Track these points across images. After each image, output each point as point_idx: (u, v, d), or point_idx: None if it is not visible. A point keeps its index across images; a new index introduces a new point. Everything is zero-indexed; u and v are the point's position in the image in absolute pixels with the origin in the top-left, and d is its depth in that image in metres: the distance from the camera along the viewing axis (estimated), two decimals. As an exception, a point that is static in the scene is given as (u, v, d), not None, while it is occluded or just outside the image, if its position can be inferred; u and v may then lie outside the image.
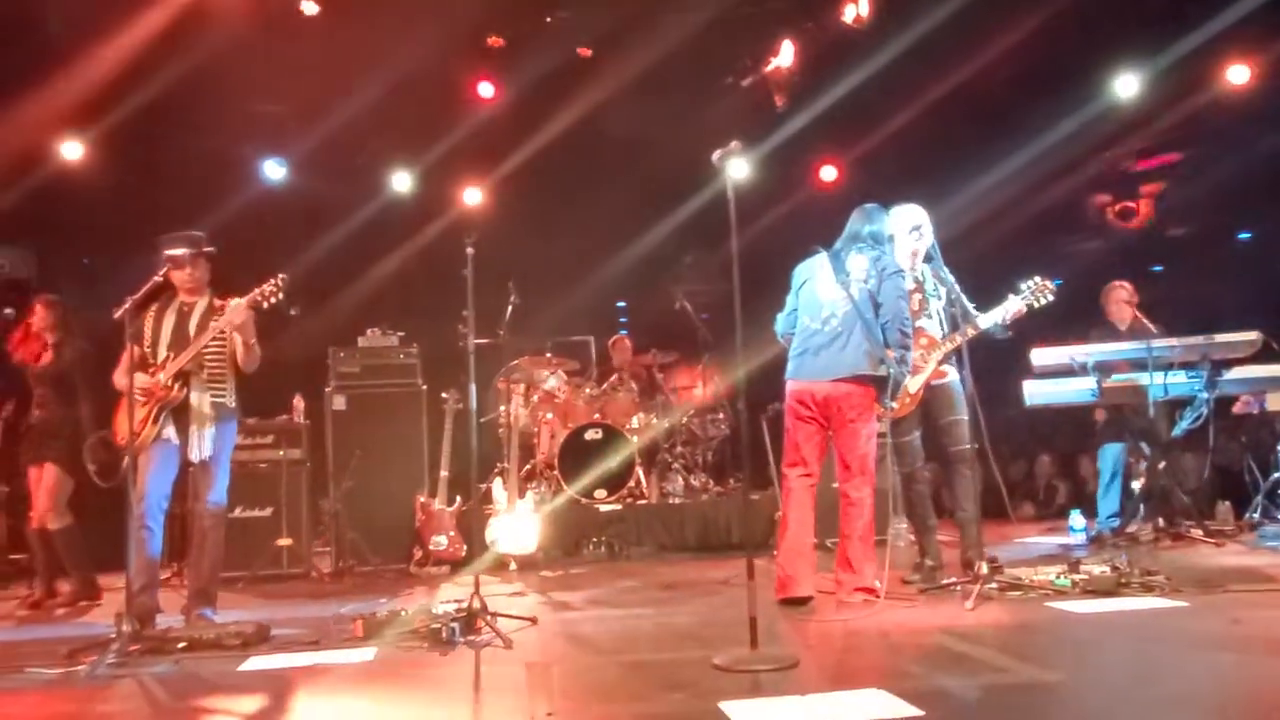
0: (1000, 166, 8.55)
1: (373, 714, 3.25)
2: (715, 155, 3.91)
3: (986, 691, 3.12)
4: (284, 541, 6.77)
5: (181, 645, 4.22)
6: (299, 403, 7.23)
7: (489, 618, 4.35)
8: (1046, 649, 3.66)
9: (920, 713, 2.81)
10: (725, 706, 2.93)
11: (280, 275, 4.88)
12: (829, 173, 10.15)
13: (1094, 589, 4.56)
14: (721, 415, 8.34)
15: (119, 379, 4.88)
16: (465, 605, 4.37)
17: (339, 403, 7.28)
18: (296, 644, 4.26)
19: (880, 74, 7.87)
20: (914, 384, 5.16)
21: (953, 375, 5.21)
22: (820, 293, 4.86)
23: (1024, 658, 3.50)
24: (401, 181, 9.54)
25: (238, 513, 6.63)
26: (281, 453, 6.93)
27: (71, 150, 8.49)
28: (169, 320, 4.93)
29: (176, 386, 4.79)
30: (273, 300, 4.86)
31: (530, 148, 8.57)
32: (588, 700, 3.29)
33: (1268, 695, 2.90)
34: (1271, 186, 8.47)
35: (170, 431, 4.81)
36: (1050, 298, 5.29)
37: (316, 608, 5.38)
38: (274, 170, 9.30)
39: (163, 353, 4.85)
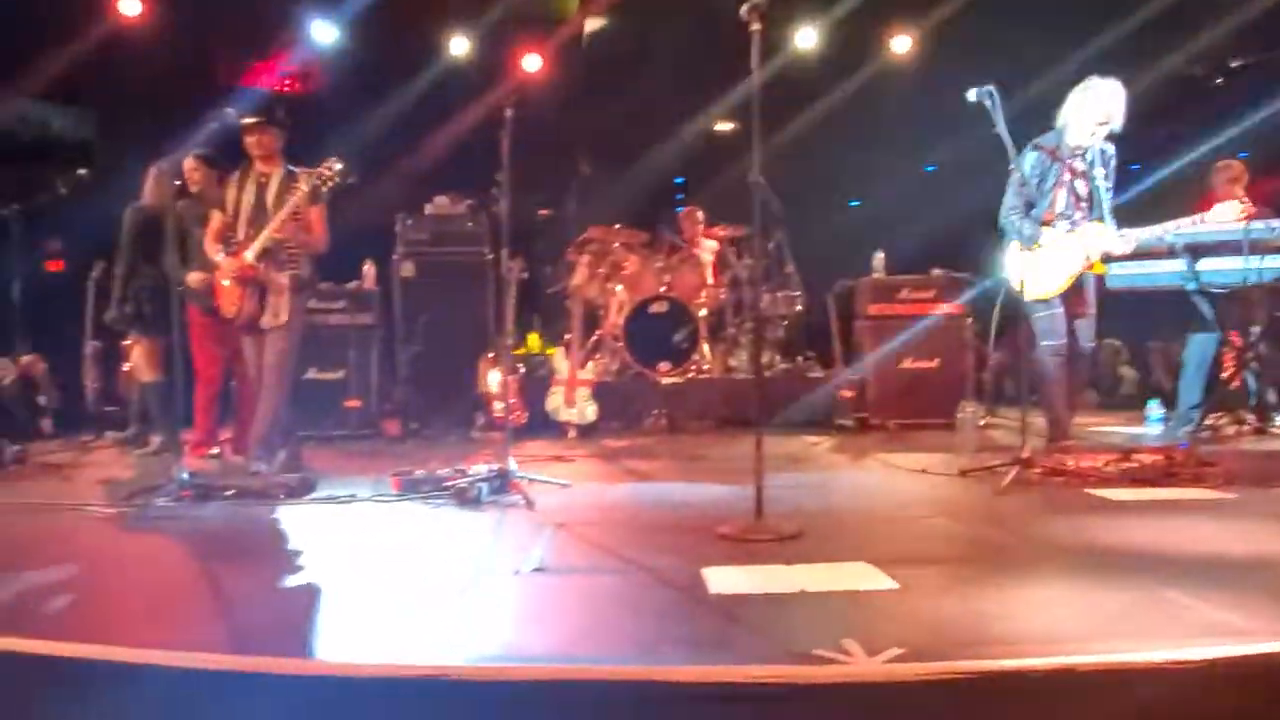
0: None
1: (377, 555, 3.44)
2: (743, 9, 3.67)
3: (968, 567, 3.10)
4: (352, 403, 7.02)
5: (229, 493, 4.47)
6: (369, 269, 7.36)
7: (520, 479, 4.46)
8: (1056, 533, 3.55)
9: (896, 585, 2.79)
10: (706, 571, 2.95)
11: (334, 163, 4.82)
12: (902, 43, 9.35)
13: (1140, 478, 4.39)
14: (795, 293, 8.16)
15: (209, 248, 5.03)
16: (498, 467, 4.50)
17: (407, 269, 7.43)
18: (334, 499, 4.47)
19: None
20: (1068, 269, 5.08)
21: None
22: None
23: (1026, 539, 3.43)
24: (459, 46, 8.94)
25: (309, 374, 6.90)
26: (352, 317, 7.12)
27: (129, 5, 8.11)
28: (249, 192, 4.95)
29: (263, 266, 4.84)
30: (330, 186, 4.85)
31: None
32: (580, 559, 3.36)
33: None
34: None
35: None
36: None
37: (373, 467, 5.58)
38: (324, 31, 8.67)
39: (242, 230, 4.90)
